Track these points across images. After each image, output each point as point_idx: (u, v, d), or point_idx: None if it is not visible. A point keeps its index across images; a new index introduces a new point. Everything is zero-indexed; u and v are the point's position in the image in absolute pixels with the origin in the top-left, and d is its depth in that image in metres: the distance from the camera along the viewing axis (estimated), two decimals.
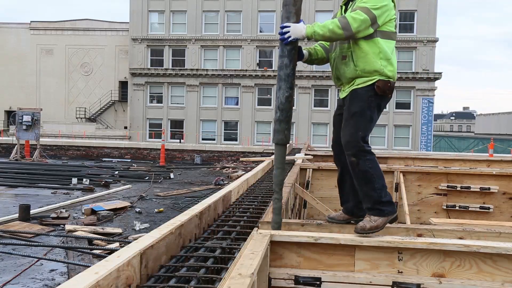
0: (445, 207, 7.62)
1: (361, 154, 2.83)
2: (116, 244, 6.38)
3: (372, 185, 2.83)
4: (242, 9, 36.09)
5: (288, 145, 3.00)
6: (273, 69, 35.54)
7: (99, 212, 8.66)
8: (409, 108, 34.71)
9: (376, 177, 2.83)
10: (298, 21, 2.86)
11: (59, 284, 4.99)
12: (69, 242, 6.82)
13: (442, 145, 49.54)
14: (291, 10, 2.85)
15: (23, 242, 6.17)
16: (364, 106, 2.86)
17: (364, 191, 2.88)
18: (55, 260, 5.72)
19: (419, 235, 2.99)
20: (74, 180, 12.95)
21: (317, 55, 3.17)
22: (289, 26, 2.80)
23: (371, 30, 2.78)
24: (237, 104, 36.60)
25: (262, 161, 8.74)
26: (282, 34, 2.82)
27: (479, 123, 72.26)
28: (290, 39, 2.79)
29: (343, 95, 3.03)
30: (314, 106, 35.87)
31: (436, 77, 34.18)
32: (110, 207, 9.20)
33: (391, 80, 2.87)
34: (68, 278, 4.91)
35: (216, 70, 36.17)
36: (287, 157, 9.36)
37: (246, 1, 35.92)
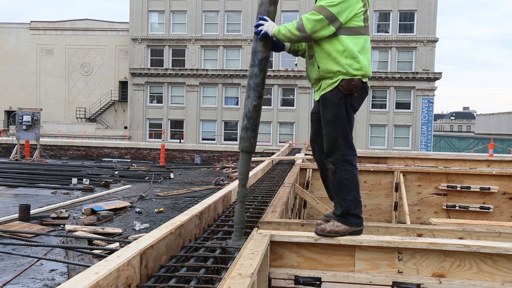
0: (445, 207, 7.63)
1: (340, 164, 2.82)
2: (116, 244, 6.38)
3: (344, 196, 2.83)
4: (242, 9, 36.10)
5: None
6: (272, 69, 35.54)
7: (99, 212, 8.66)
8: (409, 108, 34.71)
9: (349, 189, 2.82)
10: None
11: (59, 284, 4.99)
12: (69, 242, 6.82)
13: (442, 145, 49.53)
14: (265, 9, 2.89)
15: (23, 242, 6.16)
16: (337, 111, 2.82)
17: (336, 198, 2.91)
18: (55, 260, 5.72)
19: (419, 235, 2.99)
20: (74, 180, 12.94)
21: (302, 45, 3.16)
22: (267, 21, 2.85)
23: (332, 29, 2.71)
24: (237, 104, 36.60)
25: (262, 161, 8.74)
26: (257, 26, 2.85)
27: (479, 123, 72.25)
28: (262, 32, 2.83)
29: (316, 97, 3.03)
30: None
31: (436, 77, 34.18)
32: (110, 207, 9.20)
33: (356, 78, 2.78)
34: (68, 278, 4.91)
35: (216, 70, 36.17)
36: (287, 157, 9.36)
37: (246, 1, 35.93)
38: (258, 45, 2.86)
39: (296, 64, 35.54)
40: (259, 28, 2.83)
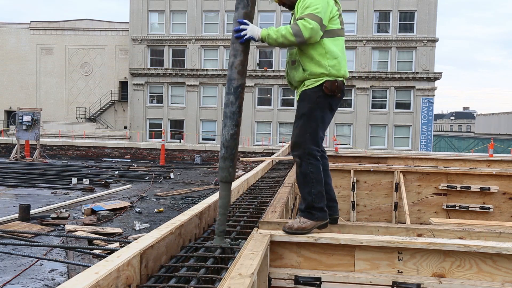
0: (445, 207, 7.63)
1: (306, 157, 2.88)
2: (116, 244, 6.38)
3: (309, 189, 2.89)
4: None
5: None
6: (272, 69, 35.55)
7: (99, 212, 8.66)
8: (409, 108, 34.72)
9: (314, 183, 2.88)
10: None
11: (59, 284, 4.99)
12: (69, 242, 6.82)
13: (442, 145, 49.54)
14: (244, 12, 2.83)
15: (23, 242, 6.16)
16: (313, 107, 2.88)
17: (301, 192, 2.96)
18: (55, 260, 5.72)
19: (419, 235, 2.99)
20: (74, 180, 12.94)
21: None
22: (248, 25, 2.80)
23: (321, 34, 2.81)
24: None
25: (262, 161, 8.74)
26: (238, 31, 2.79)
27: (479, 123, 72.24)
28: (246, 37, 2.78)
29: (297, 97, 3.08)
30: None
31: (436, 77, 34.18)
32: (110, 207, 9.20)
33: (339, 79, 2.89)
34: (68, 278, 4.91)
35: (216, 70, 36.18)
36: (287, 157, 9.36)
37: None
38: (233, 72, 2.78)
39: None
40: (242, 33, 2.77)
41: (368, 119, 34.72)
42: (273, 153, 14.86)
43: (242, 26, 2.79)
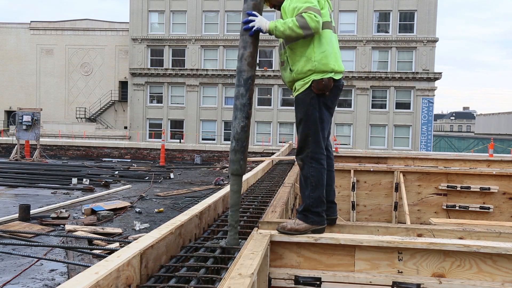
0: (445, 207, 7.63)
1: (308, 160, 2.89)
2: (116, 244, 6.38)
3: (308, 192, 2.89)
4: (242, 9, 36.07)
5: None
6: (273, 69, 35.54)
7: (99, 212, 8.66)
8: (409, 108, 34.71)
9: (314, 186, 2.87)
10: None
11: (59, 284, 4.99)
12: (69, 242, 6.81)
13: (442, 145, 49.54)
14: (253, 3, 2.85)
15: (23, 242, 6.16)
16: (308, 109, 2.87)
17: (301, 194, 2.97)
18: (55, 260, 5.72)
19: (419, 235, 2.99)
20: (74, 180, 12.94)
21: None
22: (256, 16, 2.81)
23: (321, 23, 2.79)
24: None
25: (262, 161, 8.74)
26: (247, 22, 2.79)
27: (479, 123, 72.21)
28: (254, 28, 2.78)
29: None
30: None
31: (436, 77, 34.18)
32: (110, 207, 9.20)
33: (326, 77, 2.83)
34: (68, 278, 4.91)
35: (216, 70, 36.17)
36: (287, 157, 9.36)
37: None
38: (243, 64, 2.77)
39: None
40: (250, 25, 2.78)
41: (368, 119, 34.72)
42: (273, 153, 14.86)
43: (250, 17, 2.80)
